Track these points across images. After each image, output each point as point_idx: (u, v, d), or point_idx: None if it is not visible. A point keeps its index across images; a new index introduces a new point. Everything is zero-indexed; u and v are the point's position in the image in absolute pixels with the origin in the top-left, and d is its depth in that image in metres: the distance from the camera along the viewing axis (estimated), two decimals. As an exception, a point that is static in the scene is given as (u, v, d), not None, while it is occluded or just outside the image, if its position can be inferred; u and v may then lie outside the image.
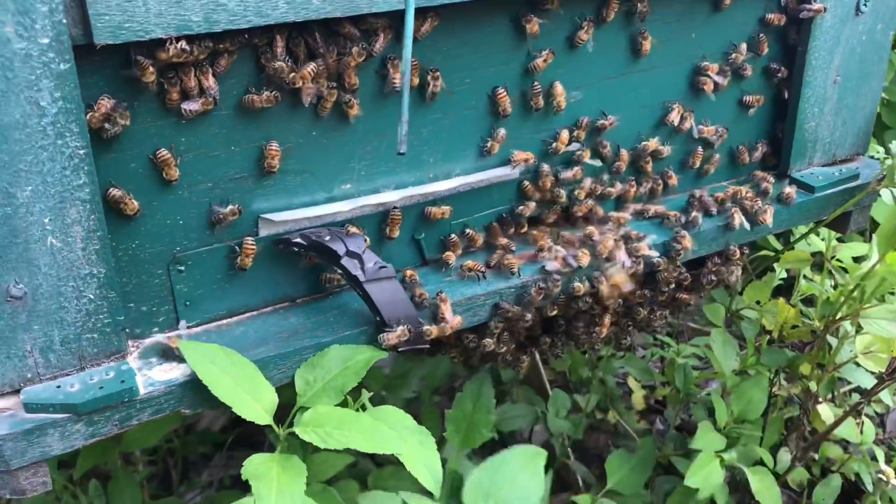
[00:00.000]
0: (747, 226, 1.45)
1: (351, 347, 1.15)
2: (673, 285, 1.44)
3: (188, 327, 1.15)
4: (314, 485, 1.37)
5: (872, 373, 1.69)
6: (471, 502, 1.20)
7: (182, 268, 1.12)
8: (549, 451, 1.77)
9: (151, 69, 0.97)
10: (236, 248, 1.14)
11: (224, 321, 1.18)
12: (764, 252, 1.82)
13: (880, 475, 1.70)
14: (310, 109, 1.12)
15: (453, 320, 1.18)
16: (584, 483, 2.01)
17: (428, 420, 2.08)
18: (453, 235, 1.31)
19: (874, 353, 1.69)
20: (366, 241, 1.16)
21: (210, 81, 1.03)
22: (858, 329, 1.58)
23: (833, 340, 1.72)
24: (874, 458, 1.77)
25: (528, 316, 1.28)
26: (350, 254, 1.13)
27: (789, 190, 1.50)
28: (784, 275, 1.91)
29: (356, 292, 1.15)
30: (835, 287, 1.77)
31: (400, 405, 2.12)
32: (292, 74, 1.06)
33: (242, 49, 1.05)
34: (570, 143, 1.35)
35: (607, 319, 1.42)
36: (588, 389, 2.16)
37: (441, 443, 1.86)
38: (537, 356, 2.08)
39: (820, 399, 1.79)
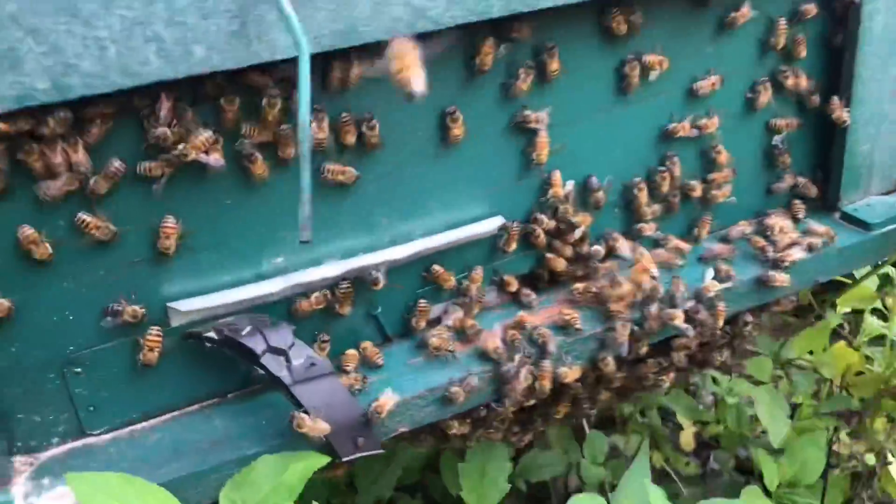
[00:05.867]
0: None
1: (283, 457, 0.95)
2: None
3: (93, 435, 0.98)
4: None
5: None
6: None
7: (79, 369, 0.95)
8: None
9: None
10: (140, 340, 0.96)
11: (139, 425, 1.00)
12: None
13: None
14: (219, 173, 0.93)
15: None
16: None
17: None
18: (422, 302, 1.10)
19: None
20: (293, 331, 0.96)
21: (79, 155, 0.84)
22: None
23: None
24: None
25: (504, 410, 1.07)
26: (272, 350, 0.93)
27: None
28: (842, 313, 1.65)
29: (284, 396, 0.95)
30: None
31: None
32: (182, 145, 0.86)
33: (120, 113, 0.86)
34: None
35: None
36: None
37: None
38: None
39: (892, 458, 1.53)
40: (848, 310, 1.66)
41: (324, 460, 0.96)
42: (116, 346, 0.96)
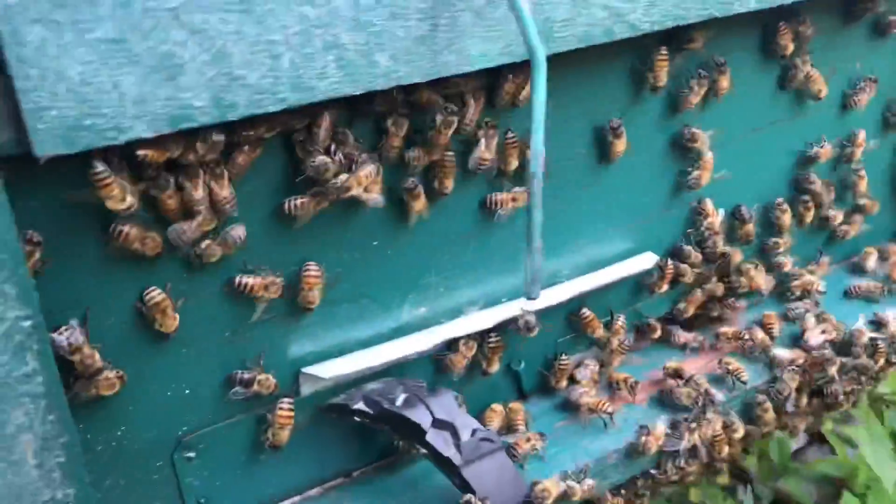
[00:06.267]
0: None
1: (441, 550, 0.79)
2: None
3: (204, 533, 0.79)
4: None
5: None
6: None
7: (191, 454, 0.76)
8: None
9: (118, 189, 0.60)
10: (267, 416, 0.78)
11: (254, 516, 0.82)
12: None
13: None
14: (370, 210, 0.76)
15: None
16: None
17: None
18: (563, 358, 0.95)
19: None
20: (457, 397, 0.80)
21: (226, 191, 0.67)
22: None
23: None
24: None
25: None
26: (438, 423, 0.77)
27: None
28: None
29: (447, 476, 0.79)
30: None
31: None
32: (343, 177, 0.69)
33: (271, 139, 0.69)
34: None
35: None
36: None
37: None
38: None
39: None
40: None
41: (489, 554, 0.80)
42: (235, 423, 0.78)
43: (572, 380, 0.96)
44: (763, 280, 1.06)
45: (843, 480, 1.61)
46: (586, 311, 0.93)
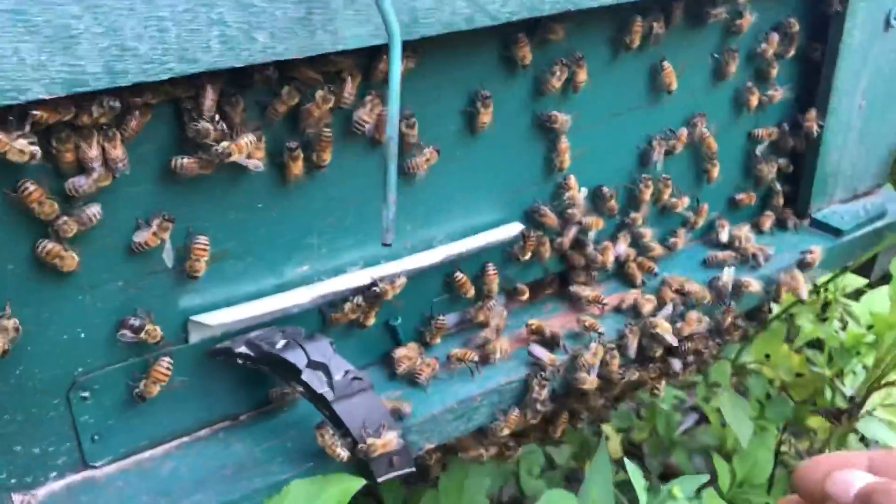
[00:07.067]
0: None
1: (317, 480, 0.88)
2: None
3: (98, 467, 0.87)
4: None
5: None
6: None
7: (86, 394, 0.84)
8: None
9: (10, 147, 0.68)
10: (149, 361, 0.86)
11: (146, 454, 0.90)
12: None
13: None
14: (255, 175, 0.85)
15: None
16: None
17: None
18: (440, 318, 1.04)
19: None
20: (331, 343, 0.89)
21: (119, 151, 0.74)
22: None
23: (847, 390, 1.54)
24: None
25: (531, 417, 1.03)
26: (313, 364, 0.86)
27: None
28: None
29: (321, 412, 0.88)
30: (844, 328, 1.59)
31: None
32: (224, 144, 0.78)
33: (160, 105, 0.77)
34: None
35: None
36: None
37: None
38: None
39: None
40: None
41: (360, 483, 0.89)
42: (128, 366, 0.85)
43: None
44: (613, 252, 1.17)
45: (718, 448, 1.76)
46: (459, 275, 1.03)
